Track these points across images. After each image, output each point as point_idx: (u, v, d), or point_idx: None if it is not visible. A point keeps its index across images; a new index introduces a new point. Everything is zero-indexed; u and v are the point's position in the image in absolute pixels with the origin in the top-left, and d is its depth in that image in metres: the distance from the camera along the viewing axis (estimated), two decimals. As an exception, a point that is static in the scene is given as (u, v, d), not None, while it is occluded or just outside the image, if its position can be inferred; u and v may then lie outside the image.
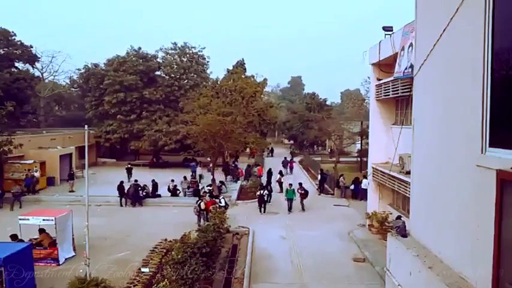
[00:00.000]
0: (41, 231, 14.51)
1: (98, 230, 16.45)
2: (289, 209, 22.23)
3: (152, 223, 19.57)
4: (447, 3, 5.49)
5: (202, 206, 19.28)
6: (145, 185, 24.80)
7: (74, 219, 15.07)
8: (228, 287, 12.44)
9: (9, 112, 25.19)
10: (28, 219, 14.48)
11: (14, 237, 13.44)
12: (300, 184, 23.48)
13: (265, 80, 38.20)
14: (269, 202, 23.18)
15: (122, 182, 24.08)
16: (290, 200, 22.26)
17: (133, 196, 23.43)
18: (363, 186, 24.33)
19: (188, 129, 26.63)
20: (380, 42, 17.35)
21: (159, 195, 24.83)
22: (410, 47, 12.71)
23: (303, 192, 22.61)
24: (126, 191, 23.62)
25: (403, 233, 7.07)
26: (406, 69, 13.30)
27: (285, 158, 40.72)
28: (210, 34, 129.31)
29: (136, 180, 24.49)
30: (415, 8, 6.92)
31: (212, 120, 23.88)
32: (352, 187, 26.09)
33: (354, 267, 14.32)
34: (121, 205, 23.36)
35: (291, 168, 38.06)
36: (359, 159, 39.90)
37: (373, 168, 18.67)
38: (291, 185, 22.91)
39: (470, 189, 4.94)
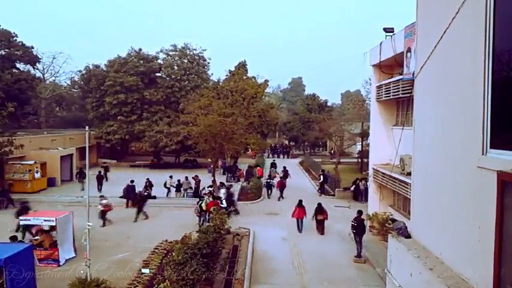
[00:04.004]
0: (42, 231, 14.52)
1: (98, 230, 16.44)
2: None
3: (152, 224, 19.58)
4: (448, 4, 5.49)
5: (204, 206, 19.28)
6: (147, 186, 24.76)
7: (74, 220, 15.09)
8: (229, 288, 12.43)
9: (10, 113, 25.23)
10: (29, 219, 14.52)
11: (13, 238, 13.47)
12: (284, 168, 27.72)
13: (266, 81, 38.20)
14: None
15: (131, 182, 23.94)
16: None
17: (133, 197, 23.36)
18: (363, 187, 24.30)
19: (189, 130, 26.64)
20: (381, 43, 17.35)
21: (155, 197, 24.70)
22: (417, 48, 12.70)
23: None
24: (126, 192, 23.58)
25: (406, 234, 7.04)
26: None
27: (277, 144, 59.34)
28: (210, 35, 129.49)
29: (132, 181, 24.28)
30: (416, 9, 6.91)
31: (213, 121, 23.87)
32: (352, 188, 26.10)
33: (354, 268, 14.31)
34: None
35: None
36: (360, 160, 39.90)
37: (373, 169, 18.65)
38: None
39: (471, 191, 4.93)
